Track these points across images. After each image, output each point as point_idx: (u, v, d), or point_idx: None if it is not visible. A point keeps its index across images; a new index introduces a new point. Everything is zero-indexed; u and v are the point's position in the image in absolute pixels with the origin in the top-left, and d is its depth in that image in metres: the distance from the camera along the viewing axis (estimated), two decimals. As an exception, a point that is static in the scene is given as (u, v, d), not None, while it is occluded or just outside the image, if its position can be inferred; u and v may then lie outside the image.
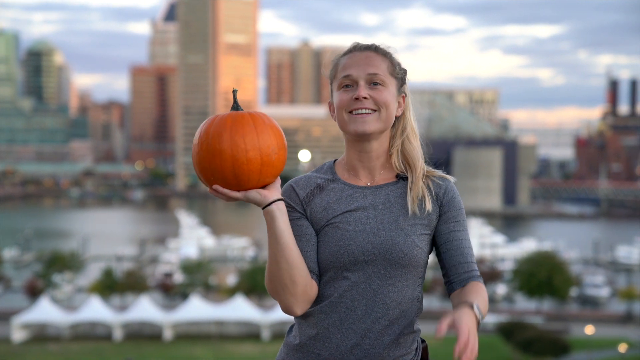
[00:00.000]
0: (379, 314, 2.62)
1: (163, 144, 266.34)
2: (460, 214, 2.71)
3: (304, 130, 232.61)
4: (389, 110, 2.67)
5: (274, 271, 2.57)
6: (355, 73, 2.66)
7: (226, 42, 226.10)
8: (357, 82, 2.66)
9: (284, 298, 2.59)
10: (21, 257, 75.27)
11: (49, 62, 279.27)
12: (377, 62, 2.68)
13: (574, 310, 54.26)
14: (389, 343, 2.63)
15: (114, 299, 52.52)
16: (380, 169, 2.73)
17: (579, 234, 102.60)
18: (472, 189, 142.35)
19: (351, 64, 2.68)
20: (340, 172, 2.75)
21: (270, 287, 2.61)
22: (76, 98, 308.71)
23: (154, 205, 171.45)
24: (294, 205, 2.68)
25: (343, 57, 2.73)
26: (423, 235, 2.66)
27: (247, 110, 2.58)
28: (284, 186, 2.74)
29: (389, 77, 2.69)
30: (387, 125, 2.69)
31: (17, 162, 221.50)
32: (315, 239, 2.65)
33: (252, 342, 43.29)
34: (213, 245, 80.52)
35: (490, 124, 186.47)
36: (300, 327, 2.68)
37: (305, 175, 2.78)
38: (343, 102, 2.67)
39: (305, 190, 2.71)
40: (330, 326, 2.62)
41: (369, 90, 2.65)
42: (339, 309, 2.62)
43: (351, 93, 2.66)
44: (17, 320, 43.62)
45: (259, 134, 2.50)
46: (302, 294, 2.59)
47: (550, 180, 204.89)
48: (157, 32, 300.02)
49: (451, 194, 2.71)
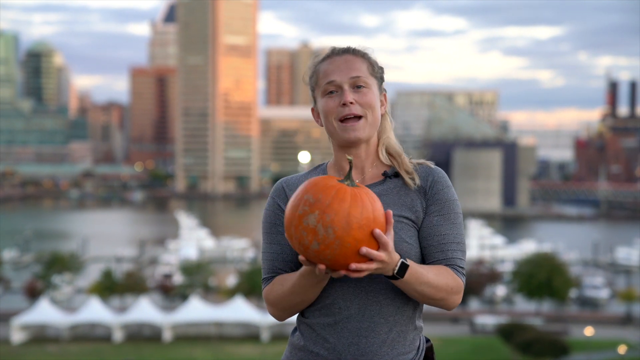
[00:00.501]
0: (373, 312, 2.62)
1: (163, 145, 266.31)
2: (446, 206, 2.68)
3: (304, 132, 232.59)
4: (375, 112, 2.70)
5: (292, 303, 2.64)
6: (339, 78, 2.67)
7: (226, 44, 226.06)
8: (341, 87, 2.67)
9: (281, 317, 2.70)
10: (21, 258, 75.26)
11: (49, 63, 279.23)
12: (358, 65, 2.69)
13: (574, 311, 54.27)
14: (385, 341, 2.62)
15: (114, 300, 52.53)
16: (369, 167, 2.76)
17: (579, 235, 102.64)
18: (472, 191, 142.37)
19: (333, 70, 2.69)
20: (332, 171, 2.79)
21: (275, 310, 2.69)
22: (76, 99, 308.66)
23: (154, 206, 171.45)
24: (283, 208, 2.73)
25: (322, 63, 2.73)
26: (411, 229, 2.66)
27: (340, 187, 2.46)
28: (274, 185, 2.80)
29: (371, 78, 2.70)
30: (375, 128, 2.72)
31: (17, 163, 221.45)
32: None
33: (252, 343, 43.30)
34: (212, 246, 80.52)
35: (489, 126, 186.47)
36: (301, 328, 2.72)
37: (296, 175, 2.82)
38: (331, 110, 2.69)
39: (294, 190, 2.74)
40: (327, 326, 2.64)
41: (354, 94, 2.67)
42: (333, 310, 2.63)
43: (337, 99, 2.68)
44: (17, 321, 43.63)
45: (365, 205, 2.45)
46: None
47: (550, 181, 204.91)
48: (157, 34, 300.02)
49: (437, 187, 2.70)
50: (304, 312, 2.70)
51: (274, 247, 2.73)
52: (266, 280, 2.73)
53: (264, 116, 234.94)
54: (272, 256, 2.72)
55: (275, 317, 2.73)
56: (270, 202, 2.78)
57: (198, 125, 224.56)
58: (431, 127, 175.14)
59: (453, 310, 11.97)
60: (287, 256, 2.71)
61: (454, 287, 2.59)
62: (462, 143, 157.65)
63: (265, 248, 2.75)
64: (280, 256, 2.72)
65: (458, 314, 50.67)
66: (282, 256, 2.72)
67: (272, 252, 2.73)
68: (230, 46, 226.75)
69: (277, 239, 2.73)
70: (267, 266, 2.74)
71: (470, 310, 52.64)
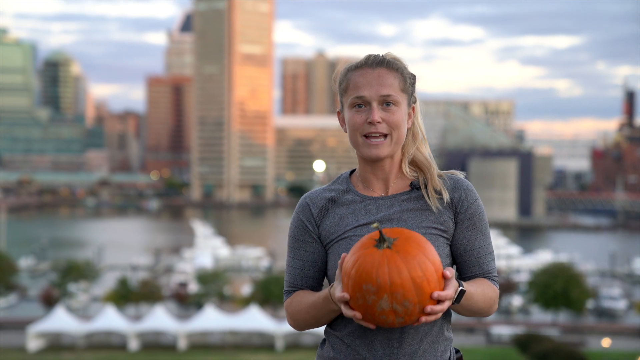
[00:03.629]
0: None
1: (178, 154, 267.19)
2: (478, 219, 2.70)
3: (319, 141, 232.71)
4: (400, 131, 2.67)
5: (307, 322, 2.72)
6: (368, 94, 2.63)
7: (242, 53, 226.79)
8: (369, 103, 2.64)
9: (299, 328, 2.77)
10: (37, 266, 75.58)
11: (66, 72, 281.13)
12: (390, 81, 2.64)
13: (591, 322, 53.89)
14: (417, 352, 2.63)
15: (129, 308, 52.61)
16: (394, 179, 2.74)
17: (595, 245, 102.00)
18: (487, 200, 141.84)
19: (364, 84, 2.64)
20: (355, 182, 2.77)
21: (292, 322, 2.76)
22: (92, 108, 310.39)
23: (169, 215, 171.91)
24: (307, 224, 2.75)
25: (354, 73, 2.68)
26: (440, 239, 2.68)
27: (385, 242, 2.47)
28: (299, 201, 2.80)
29: (401, 95, 2.66)
30: (399, 146, 2.70)
31: (34, 172, 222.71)
32: (318, 261, 2.75)
33: (266, 352, 43.25)
34: (228, 255, 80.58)
35: (505, 135, 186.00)
36: (331, 340, 2.73)
37: (319, 189, 2.82)
38: (357, 125, 2.66)
39: (318, 205, 2.75)
40: (357, 338, 2.64)
41: (382, 113, 2.64)
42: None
43: (364, 114, 2.65)
44: (33, 329, 43.79)
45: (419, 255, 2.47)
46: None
47: (566, 191, 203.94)
48: (173, 43, 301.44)
49: (468, 201, 2.70)
50: (332, 324, 2.72)
51: (296, 262, 2.77)
52: (287, 292, 2.79)
53: (279, 125, 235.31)
54: (295, 271, 2.77)
55: (293, 327, 2.79)
56: (295, 218, 2.79)
57: (214, 134, 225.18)
58: (447, 136, 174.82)
59: (468, 320, 11.91)
60: (308, 272, 2.76)
61: (494, 298, 2.67)
62: (478, 152, 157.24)
63: (289, 262, 2.79)
64: (302, 272, 2.76)
65: (474, 324, 50.41)
66: (304, 272, 2.76)
67: (294, 266, 2.77)
68: (246, 55, 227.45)
69: (299, 255, 2.76)
70: (288, 279, 2.79)
71: (486, 321, 52.36)
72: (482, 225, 2.71)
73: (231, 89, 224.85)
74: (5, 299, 56.80)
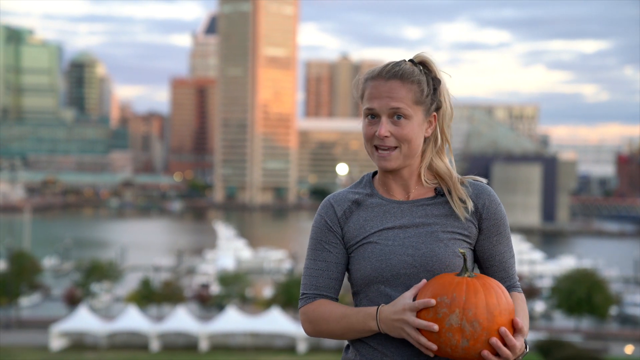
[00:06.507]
0: None
1: (202, 156, 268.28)
2: (502, 224, 2.70)
3: (342, 144, 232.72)
4: (412, 144, 2.64)
5: (333, 333, 2.66)
6: (378, 107, 2.61)
7: (266, 55, 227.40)
8: (379, 116, 2.63)
9: (314, 334, 2.70)
10: (61, 265, 76.14)
11: (92, 73, 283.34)
12: (402, 94, 2.60)
13: (614, 329, 53.50)
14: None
15: (151, 309, 52.86)
16: (415, 185, 2.72)
17: (619, 251, 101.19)
18: (511, 205, 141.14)
19: (375, 95, 2.62)
20: (377, 186, 2.75)
21: (311, 327, 2.68)
22: (117, 109, 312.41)
23: (192, 216, 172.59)
24: (331, 225, 2.70)
25: (370, 82, 2.65)
26: (463, 244, 2.67)
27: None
28: (322, 202, 2.76)
29: (414, 107, 2.62)
30: (411, 158, 2.67)
31: (58, 172, 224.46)
32: (341, 262, 2.69)
33: (288, 354, 43.27)
34: (250, 257, 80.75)
35: (529, 140, 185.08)
36: (356, 345, 2.69)
37: (343, 190, 2.78)
38: (368, 135, 2.66)
39: (342, 207, 2.71)
40: (383, 341, 2.61)
41: (391, 126, 2.61)
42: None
43: (374, 127, 2.63)
44: (56, 328, 44.11)
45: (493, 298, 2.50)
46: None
47: (591, 197, 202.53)
48: (198, 45, 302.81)
49: (492, 208, 2.70)
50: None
51: (318, 264, 2.69)
52: (308, 297, 2.70)
53: (302, 128, 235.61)
54: (317, 272, 2.69)
55: (307, 333, 2.70)
56: (317, 219, 2.74)
57: (237, 136, 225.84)
58: (470, 140, 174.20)
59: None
60: (332, 273, 2.69)
61: (526, 309, 2.69)
62: (501, 157, 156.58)
63: (309, 264, 2.71)
64: (325, 273, 2.69)
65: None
66: (327, 273, 2.69)
67: (316, 268, 2.69)
68: (270, 58, 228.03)
69: (322, 256, 2.70)
70: (308, 282, 2.71)
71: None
72: (506, 230, 2.72)
73: (255, 91, 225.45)
74: (29, 298, 57.23)
